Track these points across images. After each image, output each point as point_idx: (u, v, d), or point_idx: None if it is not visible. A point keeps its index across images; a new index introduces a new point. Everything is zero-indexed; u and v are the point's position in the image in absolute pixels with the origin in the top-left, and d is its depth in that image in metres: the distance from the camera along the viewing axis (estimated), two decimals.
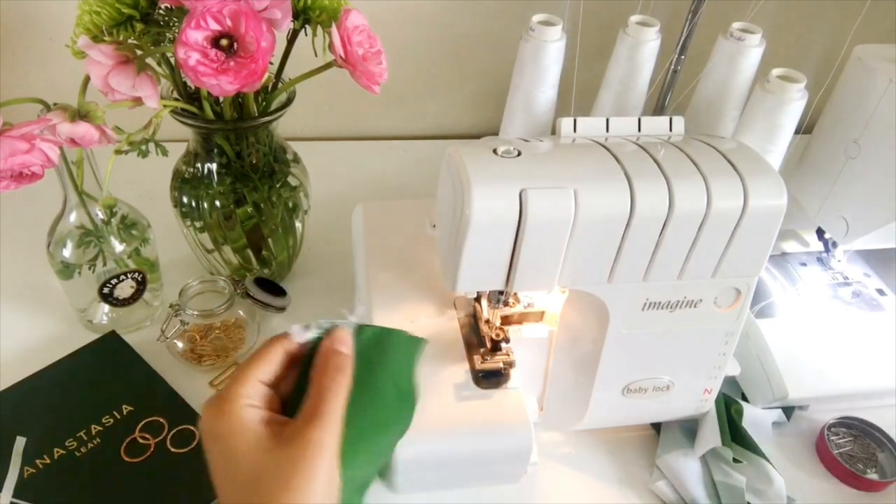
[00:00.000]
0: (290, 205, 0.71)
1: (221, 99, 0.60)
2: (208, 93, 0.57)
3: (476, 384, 0.55)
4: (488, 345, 0.57)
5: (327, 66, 0.60)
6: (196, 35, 0.49)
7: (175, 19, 0.56)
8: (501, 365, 0.56)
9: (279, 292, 0.73)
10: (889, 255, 0.77)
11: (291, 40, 0.62)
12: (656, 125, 0.56)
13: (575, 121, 0.55)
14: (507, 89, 0.72)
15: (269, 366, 0.41)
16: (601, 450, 0.64)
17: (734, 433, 0.63)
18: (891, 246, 0.69)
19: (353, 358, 0.42)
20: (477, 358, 0.57)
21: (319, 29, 0.59)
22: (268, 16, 0.52)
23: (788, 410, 0.69)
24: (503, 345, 0.56)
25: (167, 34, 0.58)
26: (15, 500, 0.54)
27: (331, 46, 0.57)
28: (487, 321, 0.58)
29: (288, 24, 0.54)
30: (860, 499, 0.63)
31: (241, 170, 0.66)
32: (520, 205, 0.46)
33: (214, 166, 0.66)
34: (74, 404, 0.62)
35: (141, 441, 0.59)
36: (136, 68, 0.54)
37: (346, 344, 0.42)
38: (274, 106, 0.65)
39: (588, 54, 0.72)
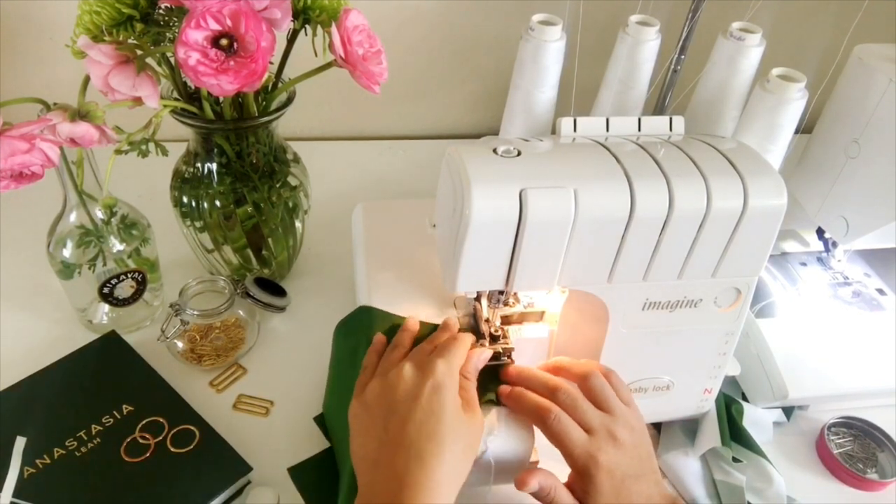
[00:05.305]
0: (290, 205, 0.71)
1: (221, 99, 0.60)
2: (208, 93, 0.57)
3: None
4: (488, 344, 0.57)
5: (327, 66, 0.60)
6: (196, 35, 0.50)
7: (175, 19, 0.56)
8: (501, 350, 0.56)
9: (279, 292, 0.73)
10: (889, 255, 0.77)
11: (291, 40, 0.62)
12: (656, 125, 0.56)
13: (575, 121, 0.55)
14: (507, 89, 0.72)
15: None
16: None
17: (734, 433, 0.63)
18: (891, 246, 0.69)
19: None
20: None
21: (319, 29, 0.59)
22: (268, 16, 0.52)
23: (788, 410, 0.69)
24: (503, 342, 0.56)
25: (167, 34, 0.58)
26: (15, 500, 0.54)
27: (331, 46, 0.57)
28: (487, 321, 0.58)
29: (288, 24, 0.54)
30: (860, 499, 0.63)
31: (241, 170, 0.66)
32: (520, 204, 0.46)
33: (214, 166, 0.66)
34: (74, 404, 0.62)
35: (141, 441, 0.59)
36: (136, 68, 0.54)
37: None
38: (274, 106, 0.65)
39: (588, 54, 0.72)
